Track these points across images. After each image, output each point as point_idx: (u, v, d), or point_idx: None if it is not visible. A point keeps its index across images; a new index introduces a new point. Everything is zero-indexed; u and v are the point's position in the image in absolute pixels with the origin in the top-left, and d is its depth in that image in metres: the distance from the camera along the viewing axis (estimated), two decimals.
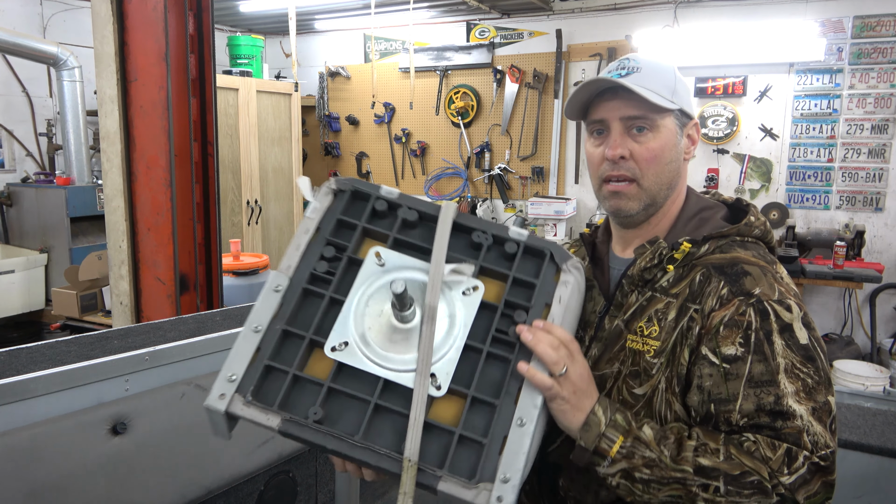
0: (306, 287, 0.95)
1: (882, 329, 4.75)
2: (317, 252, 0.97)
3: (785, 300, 0.98)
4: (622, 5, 5.22)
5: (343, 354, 0.90)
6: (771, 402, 0.93)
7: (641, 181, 1.08)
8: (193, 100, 3.04)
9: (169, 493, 1.64)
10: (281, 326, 0.92)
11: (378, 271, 0.95)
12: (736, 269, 1.02)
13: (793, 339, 0.96)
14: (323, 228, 0.99)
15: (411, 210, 0.99)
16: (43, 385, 1.49)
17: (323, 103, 6.49)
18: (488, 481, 0.84)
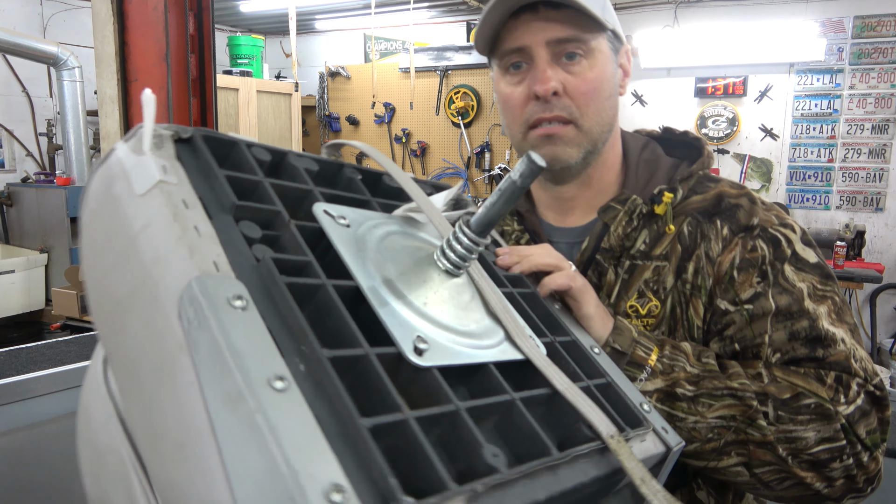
0: (292, 283, 0.51)
1: (882, 329, 4.74)
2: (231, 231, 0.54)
3: (787, 221, 0.88)
4: (622, 5, 5.21)
5: (434, 355, 0.54)
6: (805, 328, 0.80)
7: (580, 122, 0.87)
8: (194, 100, 3.04)
9: None
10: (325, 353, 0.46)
11: (348, 233, 0.61)
12: (724, 205, 0.89)
13: (804, 262, 0.84)
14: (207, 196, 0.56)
15: (304, 158, 0.69)
16: (43, 385, 1.49)
17: (323, 103, 6.50)
18: (646, 425, 0.66)
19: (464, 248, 0.62)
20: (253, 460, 0.39)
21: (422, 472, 0.44)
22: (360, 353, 0.49)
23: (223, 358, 0.42)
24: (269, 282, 0.50)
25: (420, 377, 0.52)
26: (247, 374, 0.42)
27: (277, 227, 0.58)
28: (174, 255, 0.47)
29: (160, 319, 0.46)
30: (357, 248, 0.60)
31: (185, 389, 0.43)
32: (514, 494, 0.48)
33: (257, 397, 0.41)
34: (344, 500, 0.39)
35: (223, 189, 0.57)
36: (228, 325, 0.44)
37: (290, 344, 0.47)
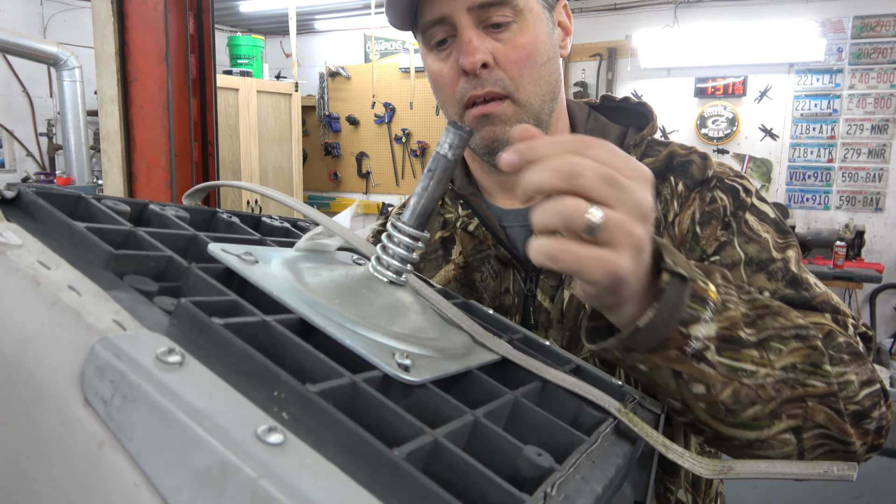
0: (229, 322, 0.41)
1: (882, 329, 4.75)
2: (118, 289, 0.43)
3: (740, 174, 0.84)
4: (622, 5, 5.22)
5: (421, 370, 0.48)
6: (781, 269, 0.75)
7: (517, 95, 0.76)
8: (194, 100, 3.04)
9: None
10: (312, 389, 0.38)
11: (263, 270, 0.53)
12: (675, 162, 0.84)
13: (763, 214, 0.81)
14: (67, 257, 0.44)
15: (167, 206, 0.61)
16: None
17: (323, 103, 6.49)
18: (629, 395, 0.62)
19: (404, 247, 0.56)
20: None
21: (478, 490, 0.38)
22: (345, 383, 0.41)
23: (182, 428, 0.31)
24: (198, 330, 0.40)
25: (414, 395, 0.47)
26: (227, 437, 0.31)
27: (173, 275, 0.48)
28: (52, 328, 0.35)
29: (55, 418, 0.33)
30: (279, 282, 0.51)
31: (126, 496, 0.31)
32: (577, 493, 0.43)
33: (256, 460, 0.30)
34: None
35: (90, 242, 0.45)
36: (173, 385, 0.32)
37: (257, 393, 0.37)
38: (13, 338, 0.35)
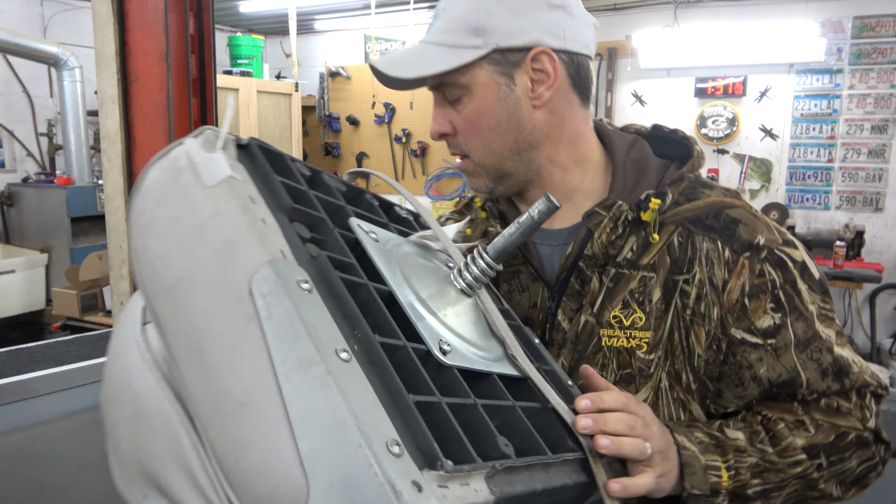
0: (344, 278, 0.59)
1: (882, 329, 4.75)
2: (287, 230, 0.60)
3: (787, 238, 0.86)
4: (622, 5, 5.22)
5: (456, 356, 0.63)
6: (830, 363, 0.83)
7: (472, 155, 0.87)
8: (194, 100, 3.04)
9: None
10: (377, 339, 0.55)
11: (379, 248, 0.69)
12: (721, 219, 0.84)
13: (812, 279, 0.85)
14: (266, 197, 0.63)
15: (336, 179, 0.80)
16: (43, 385, 1.49)
17: (323, 103, 6.50)
18: None
19: (479, 270, 0.72)
20: (321, 415, 0.45)
21: (452, 446, 0.51)
22: (399, 344, 0.57)
23: (296, 329, 0.49)
24: (325, 274, 0.58)
25: (442, 374, 0.60)
26: (319, 343, 0.49)
27: (322, 232, 0.65)
28: (246, 242, 0.54)
29: (229, 295, 0.51)
30: (387, 260, 0.68)
31: (251, 355, 0.48)
32: (519, 480, 0.55)
33: (328, 363, 0.47)
34: (400, 452, 0.46)
35: (280, 192, 0.64)
36: (300, 302, 0.51)
37: (345, 327, 0.54)
38: (221, 238, 0.54)
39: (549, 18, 0.82)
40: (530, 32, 0.81)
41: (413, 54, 0.85)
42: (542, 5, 0.81)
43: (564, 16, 0.83)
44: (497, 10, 0.80)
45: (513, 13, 0.80)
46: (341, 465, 0.44)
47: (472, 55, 0.81)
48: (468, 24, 0.81)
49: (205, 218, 0.55)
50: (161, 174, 0.60)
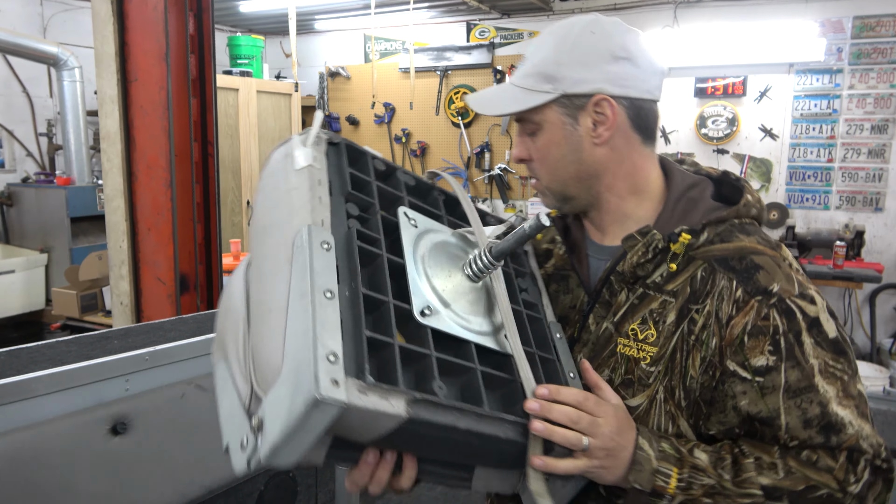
0: (362, 246, 0.79)
1: (882, 329, 4.75)
2: (341, 209, 0.83)
3: (807, 292, 0.89)
4: (622, 5, 5.22)
5: (434, 320, 0.80)
6: (818, 415, 0.86)
7: (542, 180, 1.02)
8: (193, 100, 3.04)
9: (169, 493, 1.64)
10: (363, 290, 0.74)
11: (414, 232, 0.88)
12: (745, 262, 0.91)
13: (822, 335, 0.88)
14: (334, 183, 0.85)
15: (407, 175, 0.98)
16: (43, 385, 1.49)
17: (323, 103, 6.49)
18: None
19: (483, 265, 0.88)
20: (300, 328, 0.67)
21: (387, 373, 0.71)
22: (384, 299, 0.77)
23: (305, 273, 0.71)
24: (349, 241, 0.79)
25: (418, 332, 0.78)
26: (314, 284, 0.70)
27: (370, 213, 0.86)
28: (303, 210, 0.79)
29: (283, 243, 0.76)
30: (415, 241, 0.87)
31: (282, 282, 0.73)
32: (442, 414, 0.72)
33: (315, 297, 0.69)
34: (335, 360, 0.66)
35: (345, 180, 0.87)
36: (315, 256, 0.73)
37: (346, 278, 0.75)
38: (292, 205, 0.79)
39: (613, 70, 0.95)
40: (594, 82, 0.94)
41: (499, 93, 1.02)
42: (608, 58, 0.94)
43: (629, 66, 0.95)
44: (568, 61, 0.94)
45: (582, 65, 0.94)
46: (297, 360, 0.66)
47: (542, 98, 0.96)
48: (543, 71, 0.96)
49: (287, 190, 0.82)
50: (276, 156, 0.88)
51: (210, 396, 1.10)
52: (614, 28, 0.96)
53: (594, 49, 0.94)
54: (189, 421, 1.72)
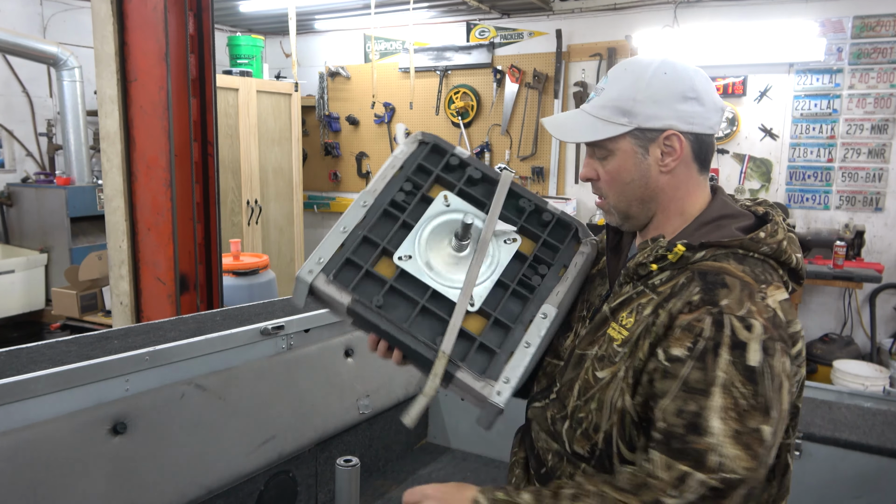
0: (387, 208, 1.21)
1: (882, 329, 4.75)
2: (398, 185, 1.23)
3: (749, 318, 0.95)
4: (622, 5, 5.22)
5: (406, 264, 1.17)
6: (691, 413, 0.93)
7: (608, 199, 1.14)
8: (193, 100, 3.04)
9: (169, 493, 1.64)
10: (363, 233, 1.18)
11: (443, 210, 1.22)
12: (717, 278, 1.00)
13: (741, 358, 0.93)
14: (406, 168, 1.25)
15: (476, 170, 1.27)
16: (43, 385, 1.49)
17: (323, 103, 6.49)
18: (493, 379, 1.11)
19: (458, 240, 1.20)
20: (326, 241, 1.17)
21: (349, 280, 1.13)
22: (378, 242, 1.18)
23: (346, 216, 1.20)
24: (382, 204, 1.22)
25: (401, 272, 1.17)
26: (339, 222, 1.19)
27: (420, 190, 1.24)
28: (376, 182, 1.24)
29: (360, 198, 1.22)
30: (437, 216, 1.22)
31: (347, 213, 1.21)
32: (370, 315, 1.12)
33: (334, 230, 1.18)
34: (320, 262, 1.14)
35: (413, 167, 1.26)
36: (352, 208, 1.21)
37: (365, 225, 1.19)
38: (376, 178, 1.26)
39: (683, 108, 1.06)
40: (666, 119, 1.06)
41: (576, 120, 1.13)
42: (678, 98, 1.06)
43: (696, 105, 1.06)
44: (643, 98, 1.06)
45: (654, 102, 1.06)
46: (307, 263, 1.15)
47: (618, 130, 1.08)
48: (619, 106, 1.07)
49: (384, 167, 1.26)
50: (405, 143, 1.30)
51: (210, 396, 1.11)
52: (684, 70, 1.07)
53: (667, 89, 1.06)
54: (189, 421, 1.72)
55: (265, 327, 2.03)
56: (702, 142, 1.09)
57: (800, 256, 1.09)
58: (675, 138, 1.06)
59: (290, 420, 2.00)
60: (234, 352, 1.95)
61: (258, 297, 3.55)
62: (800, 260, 1.09)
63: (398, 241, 1.18)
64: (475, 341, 1.13)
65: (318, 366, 2.17)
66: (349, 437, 2.25)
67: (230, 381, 1.86)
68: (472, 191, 1.24)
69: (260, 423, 1.90)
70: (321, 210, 6.78)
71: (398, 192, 1.22)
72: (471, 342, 1.13)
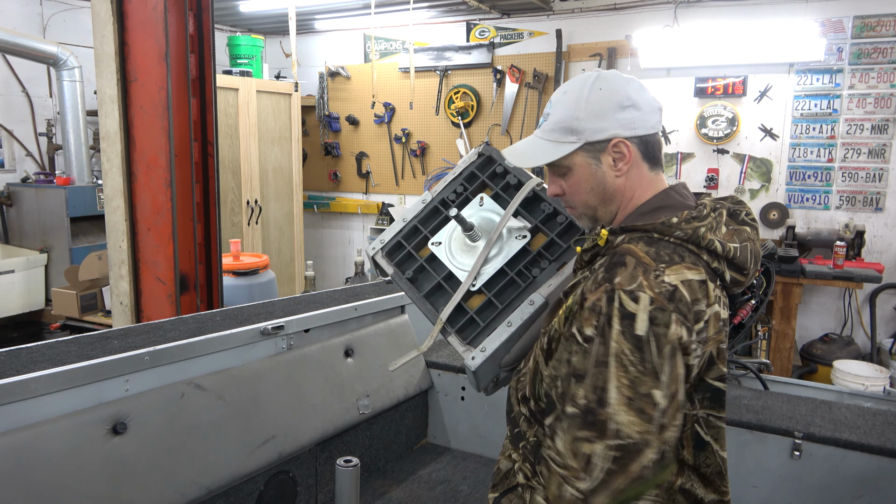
0: (436, 205, 1.56)
1: (882, 329, 4.75)
2: (453, 187, 1.57)
3: (637, 292, 1.04)
4: (622, 5, 5.22)
5: (436, 249, 1.50)
6: (600, 388, 1.03)
7: (576, 208, 1.28)
8: (193, 100, 3.04)
9: (169, 493, 1.64)
10: (415, 222, 1.56)
11: (478, 208, 1.52)
12: (619, 258, 1.11)
13: (629, 328, 1.03)
14: (463, 173, 1.58)
15: (514, 177, 1.51)
16: (43, 385, 1.49)
17: (323, 103, 6.49)
18: (473, 347, 1.36)
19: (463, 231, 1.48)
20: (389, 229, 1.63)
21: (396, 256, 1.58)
22: (422, 230, 1.57)
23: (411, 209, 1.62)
24: (432, 202, 1.59)
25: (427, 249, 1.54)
26: (403, 214, 1.61)
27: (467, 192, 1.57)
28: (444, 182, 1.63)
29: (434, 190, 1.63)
30: (471, 213, 1.51)
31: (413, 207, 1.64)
32: (401, 282, 1.54)
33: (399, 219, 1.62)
34: (381, 244, 1.60)
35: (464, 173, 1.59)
36: (417, 204, 1.61)
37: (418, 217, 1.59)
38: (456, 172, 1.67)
39: (622, 116, 1.17)
40: (609, 129, 1.18)
41: (532, 145, 1.25)
42: (616, 108, 1.17)
43: (634, 111, 1.17)
44: (585, 115, 1.18)
45: (596, 117, 1.18)
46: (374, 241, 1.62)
47: (569, 149, 1.20)
48: (566, 126, 1.20)
49: (449, 173, 1.62)
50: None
51: (210, 396, 1.10)
52: (616, 81, 1.18)
53: (605, 102, 1.17)
54: (189, 421, 1.72)
55: (265, 327, 2.03)
56: (647, 142, 1.20)
57: (736, 246, 1.15)
58: (622, 144, 1.18)
59: (289, 420, 2.00)
60: (234, 352, 1.95)
61: (258, 297, 3.55)
62: (735, 249, 1.14)
63: (437, 230, 1.53)
64: (468, 314, 1.40)
65: (318, 366, 2.17)
66: (349, 437, 2.25)
67: (230, 381, 1.86)
68: (506, 194, 1.52)
69: (260, 423, 1.90)
70: (321, 210, 6.78)
71: (451, 193, 1.56)
72: (465, 314, 1.40)
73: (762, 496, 1.94)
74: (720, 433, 1.18)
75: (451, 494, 2.24)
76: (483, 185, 1.56)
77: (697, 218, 1.14)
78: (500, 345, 1.33)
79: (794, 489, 1.90)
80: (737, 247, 1.15)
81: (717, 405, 1.16)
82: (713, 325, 1.11)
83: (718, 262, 1.14)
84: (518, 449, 1.32)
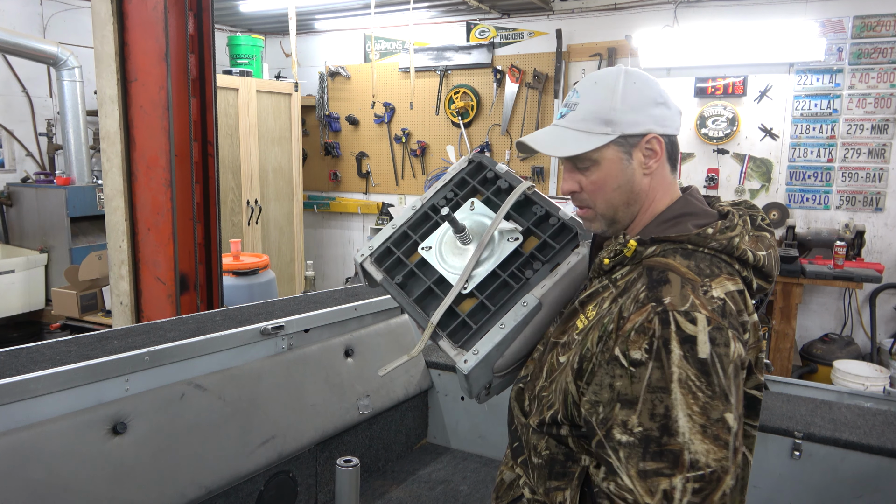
0: (426, 211, 1.51)
1: (882, 329, 4.75)
2: (443, 193, 1.52)
3: (692, 312, 0.99)
4: (622, 5, 5.22)
5: (426, 253, 1.44)
6: (661, 415, 0.96)
7: (595, 207, 1.20)
8: (193, 100, 3.04)
9: (169, 493, 1.64)
10: (405, 228, 1.50)
11: (469, 213, 1.47)
12: (661, 275, 1.06)
13: (692, 352, 0.97)
14: (454, 179, 1.53)
15: (505, 182, 1.47)
16: (43, 385, 1.49)
17: (323, 103, 6.49)
18: (465, 350, 1.29)
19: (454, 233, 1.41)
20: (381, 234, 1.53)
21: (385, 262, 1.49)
22: (412, 236, 1.48)
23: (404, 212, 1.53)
24: (425, 205, 1.52)
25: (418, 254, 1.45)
26: (393, 221, 1.53)
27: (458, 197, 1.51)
28: (433, 189, 1.54)
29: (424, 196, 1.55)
30: (462, 217, 1.44)
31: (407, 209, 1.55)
32: (391, 288, 1.44)
33: (388, 225, 1.53)
34: (371, 249, 1.51)
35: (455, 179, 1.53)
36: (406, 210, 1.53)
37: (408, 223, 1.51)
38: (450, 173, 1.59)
39: (656, 112, 1.15)
40: (645, 124, 1.14)
41: (556, 135, 1.18)
42: (651, 103, 1.14)
43: (665, 110, 1.15)
44: (622, 107, 1.13)
45: (633, 110, 1.13)
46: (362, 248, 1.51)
47: (603, 140, 1.14)
48: (600, 116, 1.14)
49: (440, 180, 1.54)
50: None
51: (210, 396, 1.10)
52: (647, 78, 1.16)
53: (641, 96, 1.14)
54: (189, 421, 1.72)
55: (265, 327, 2.03)
56: (672, 142, 1.18)
57: (764, 255, 1.12)
58: (655, 141, 1.14)
59: (289, 420, 2.00)
60: (234, 352, 1.95)
61: (258, 297, 3.55)
62: (764, 258, 1.12)
63: (427, 235, 1.47)
64: (459, 318, 1.33)
65: (318, 366, 2.17)
66: (349, 437, 2.25)
67: (230, 381, 1.86)
68: (497, 199, 1.48)
69: (260, 423, 1.90)
70: (321, 210, 6.78)
71: (441, 199, 1.51)
72: (456, 318, 1.34)
73: (762, 496, 1.94)
74: (752, 442, 1.16)
75: (451, 494, 2.24)
76: (474, 191, 1.52)
77: (730, 227, 1.11)
78: (492, 347, 1.28)
79: (793, 489, 1.90)
80: (764, 255, 1.13)
81: (753, 414, 1.13)
82: (753, 335, 1.09)
83: (747, 270, 1.12)
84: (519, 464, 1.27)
